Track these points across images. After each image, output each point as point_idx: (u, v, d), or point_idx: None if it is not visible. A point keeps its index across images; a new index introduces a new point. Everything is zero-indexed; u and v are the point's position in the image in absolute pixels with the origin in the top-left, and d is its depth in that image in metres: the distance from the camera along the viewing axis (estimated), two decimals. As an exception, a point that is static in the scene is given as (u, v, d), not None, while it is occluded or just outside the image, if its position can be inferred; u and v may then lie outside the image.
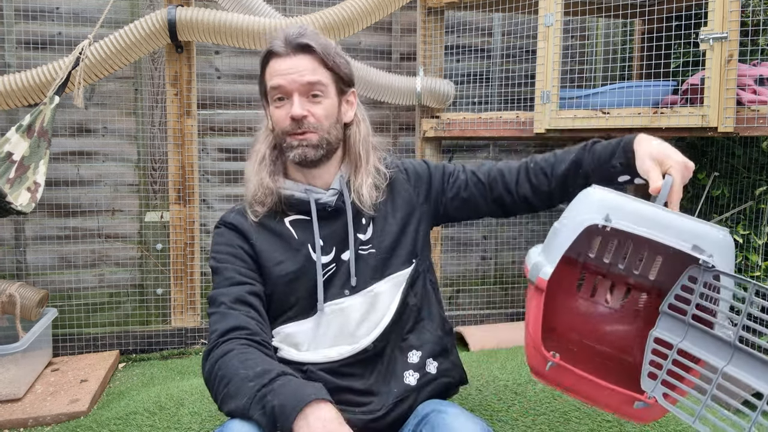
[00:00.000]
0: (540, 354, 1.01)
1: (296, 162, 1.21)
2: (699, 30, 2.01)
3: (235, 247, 1.22)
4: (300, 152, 1.19)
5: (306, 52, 1.18)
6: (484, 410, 1.82)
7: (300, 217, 1.24)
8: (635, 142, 1.15)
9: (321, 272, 1.20)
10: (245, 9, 2.40)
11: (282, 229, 1.23)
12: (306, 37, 1.18)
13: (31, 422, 1.96)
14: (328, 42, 1.22)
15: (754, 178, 2.41)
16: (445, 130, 2.62)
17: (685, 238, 0.94)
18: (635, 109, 2.17)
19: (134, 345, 2.63)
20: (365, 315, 1.21)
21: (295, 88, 1.17)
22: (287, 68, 1.17)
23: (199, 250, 2.65)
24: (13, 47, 2.54)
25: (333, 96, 1.21)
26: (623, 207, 0.99)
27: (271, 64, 1.19)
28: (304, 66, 1.17)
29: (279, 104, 1.20)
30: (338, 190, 1.24)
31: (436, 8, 2.67)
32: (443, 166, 1.36)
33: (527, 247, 3.09)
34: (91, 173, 2.66)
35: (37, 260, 2.62)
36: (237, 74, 2.78)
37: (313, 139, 1.19)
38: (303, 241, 1.22)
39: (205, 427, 1.74)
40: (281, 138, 1.21)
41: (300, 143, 1.19)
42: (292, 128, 1.18)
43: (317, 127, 1.19)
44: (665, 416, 1.80)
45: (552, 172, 1.26)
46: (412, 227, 1.28)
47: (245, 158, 2.78)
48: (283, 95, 1.19)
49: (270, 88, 1.20)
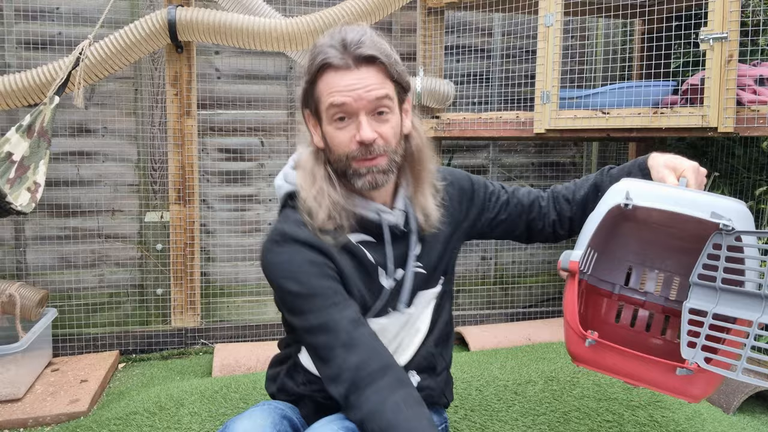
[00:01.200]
0: (578, 334, 1.04)
1: (366, 190, 1.08)
2: (699, 30, 2.01)
3: (321, 266, 1.07)
4: (370, 179, 1.06)
5: (371, 63, 1.03)
6: (484, 410, 1.82)
7: (367, 239, 1.13)
8: (649, 158, 1.19)
9: (384, 300, 1.15)
10: (245, 9, 2.40)
11: (356, 250, 1.11)
12: (368, 45, 1.03)
13: (31, 422, 1.96)
14: (388, 47, 1.08)
15: (754, 178, 2.41)
16: (445, 130, 2.62)
17: (703, 210, 0.99)
18: (635, 109, 2.17)
19: (134, 345, 2.63)
20: (398, 331, 1.19)
21: (362, 106, 1.03)
22: (351, 84, 1.02)
23: (199, 250, 2.65)
24: (13, 47, 2.54)
25: (397, 110, 1.09)
26: (643, 188, 1.05)
27: (327, 78, 1.04)
28: (371, 80, 1.03)
29: (341, 125, 1.05)
30: (403, 211, 1.16)
31: (436, 8, 2.67)
32: (484, 183, 1.30)
33: (527, 247, 3.10)
34: (91, 173, 2.66)
35: (37, 260, 2.62)
36: (237, 74, 2.78)
37: (382, 164, 1.06)
38: (376, 265, 1.13)
39: (205, 427, 1.74)
40: (344, 163, 1.07)
41: (369, 170, 1.06)
42: (361, 153, 1.05)
43: (386, 149, 1.06)
44: (665, 416, 1.80)
45: (573, 198, 1.27)
46: (451, 245, 1.25)
47: (245, 158, 2.81)
48: (345, 115, 1.04)
49: (329, 105, 1.04)
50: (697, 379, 0.98)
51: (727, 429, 1.82)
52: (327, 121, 1.07)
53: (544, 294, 3.13)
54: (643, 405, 1.85)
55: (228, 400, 1.89)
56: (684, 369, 0.96)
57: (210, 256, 2.79)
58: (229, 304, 2.83)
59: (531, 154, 3.11)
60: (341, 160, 1.07)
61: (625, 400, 1.88)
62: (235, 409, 1.83)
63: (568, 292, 1.09)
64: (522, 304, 3.11)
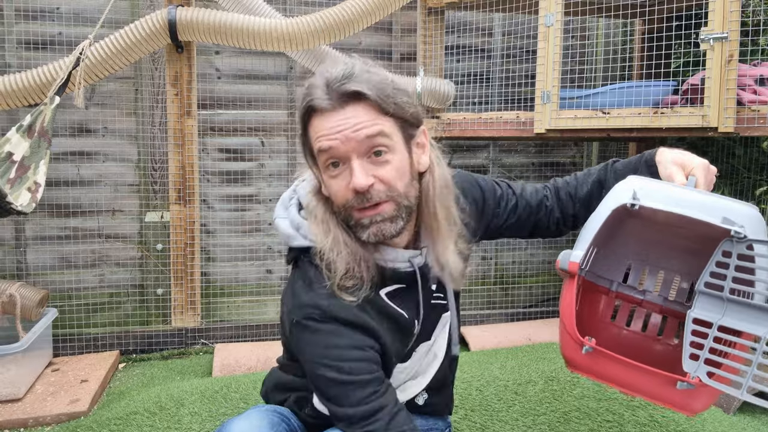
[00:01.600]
0: (575, 339, 1.00)
1: (372, 242, 0.98)
2: (699, 30, 2.01)
3: (365, 349, 0.97)
4: (375, 231, 0.96)
5: (357, 100, 0.93)
6: (484, 410, 1.82)
7: (396, 287, 1.04)
8: (657, 154, 1.13)
9: (413, 345, 1.11)
10: (245, 9, 2.40)
11: (390, 310, 1.02)
12: (354, 79, 0.92)
13: (32, 422, 1.96)
14: (383, 77, 0.96)
15: (754, 178, 2.41)
16: (445, 130, 2.62)
17: (714, 215, 0.93)
18: (635, 109, 2.17)
19: (134, 345, 2.63)
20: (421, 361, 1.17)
21: (352, 148, 0.92)
22: (336, 126, 0.92)
23: (199, 251, 2.65)
24: (13, 47, 2.54)
25: (401, 147, 0.97)
26: (651, 187, 1.00)
27: (314, 123, 0.95)
28: (360, 119, 0.92)
29: (334, 172, 0.95)
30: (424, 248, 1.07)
31: (436, 8, 2.67)
32: (494, 189, 1.21)
33: (527, 247, 3.10)
34: (92, 173, 2.67)
35: (38, 260, 2.62)
36: (237, 74, 2.78)
37: (387, 211, 0.95)
38: (411, 319, 1.05)
39: (205, 427, 1.74)
40: (346, 214, 0.97)
41: (372, 220, 0.95)
42: (359, 203, 0.94)
43: (390, 194, 0.95)
44: (665, 416, 1.80)
45: (576, 194, 1.22)
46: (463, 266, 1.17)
47: (245, 158, 2.81)
48: (336, 160, 0.94)
49: (317, 151, 0.95)
50: (698, 394, 0.94)
51: (727, 429, 1.82)
52: (322, 169, 0.98)
53: (544, 294, 3.13)
54: (643, 405, 1.85)
55: (228, 400, 1.89)
56: (685, 383, 0.92)
57: (210, 256, 2.79)
58: (229, 304, 2.83)
59: (531, 154, 3.11)
60: (341, 212, 0.98)
61: (625, 400, 1.88)
62: (236, 409, 1.83)
63: (565, 293, 1.05)
64: (522, 304, 3.11)
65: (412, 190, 0.98)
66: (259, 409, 1.14)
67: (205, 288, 2.74)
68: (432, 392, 1.22)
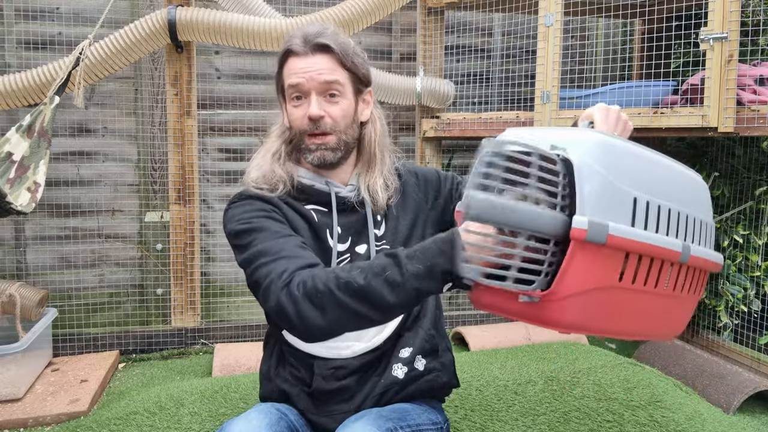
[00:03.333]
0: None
1: (315, 164, 1.21)
2: (699, 30, 2.01)
3: (269, 211, 1.18)
4: (318, 155, 1.19)
5: (324, 51, 1.18)
6: (484, 410, 1.82)
7: (318, 208, 1.24)
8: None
9: (336, 259, 1.20)
10: (245, 9, 2.40)
11: (303, 210, 1.22)
12: (325, 36, 1.18)
13: (31, 422, 1.96)
14: (347, 41, 1.22)
15: (754, 178, 2.41)
16: (445, 130, 2.62)
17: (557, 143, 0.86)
18: (635, 109, 2.17)
19: (134, 345, 2.63)
20: None
21: (313, 86, 1.17)
22: (305, 67, 1.17)
23: (199, 250, 2.65)
24: (13, 47, 2.54)
25: (350, 96, 1.21)
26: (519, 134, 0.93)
27: (289, 63, 1.20)
28: (323, 65, 1.17)
29: (296, 103, 1.20)
30: (356, 186, 1.25)
31: (436, 8, 2.67)
32: (452, 176, 1.37)
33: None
34: (91, 173, 2.67)
35: (37, 260, 2.62)
36: (237, 74, 2.78)
37: (330, 142, 1.19)
38: (322, 226, 1.21)
39: (205, 427, 1.74)
40: (299, 138, 1.21)
41: (318, 147, 1.19)
42: (310, 128, 1.18)
43: (334, 128, 1.19)
44: (665, 416, 1.80)
45: None
46: (419, 230, 1.29)
47: (245, 158, 2.80)
48: (300, 94, 1.19)
49: (288, 86, 1.20)
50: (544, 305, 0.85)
51: (727, 429, 1.82)
52: (288, 100, 1.22)
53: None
54: (643, 405, 1.85)
55: (228, 400, 1.89)
56: (526, 297, 0.86)
57: (210, 256, 2.79)
58: (229, 304, 2.83)
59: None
60: (297, 135, 1.21)
61: (625, 400, 1.88)
62: (235, 409, 1.83)
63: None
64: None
65: (350, 131, 1.22)
66: (258, 408, 1.14)
67: (204, 288, 2.74)
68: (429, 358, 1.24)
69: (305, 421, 1.21)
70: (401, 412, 1.16)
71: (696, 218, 0.99)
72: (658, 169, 0.94)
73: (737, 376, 2.12)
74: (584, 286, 0.84)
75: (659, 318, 0.99)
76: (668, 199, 0.93)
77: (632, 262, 0.87)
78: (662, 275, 0.92)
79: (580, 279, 0.83)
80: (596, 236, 0.82)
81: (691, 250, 0.94)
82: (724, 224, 2.47)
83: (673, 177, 0.97)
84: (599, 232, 0.82)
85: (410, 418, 1.16)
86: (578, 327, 0.88)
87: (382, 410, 1.15)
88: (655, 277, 0.91)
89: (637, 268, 0.88)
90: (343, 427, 1.06)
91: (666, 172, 0.96)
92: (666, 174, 0.96)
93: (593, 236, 0.82)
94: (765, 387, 2.05)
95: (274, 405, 1.18)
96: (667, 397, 1.93)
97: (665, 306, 0.97)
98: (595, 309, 0.87)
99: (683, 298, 1.00)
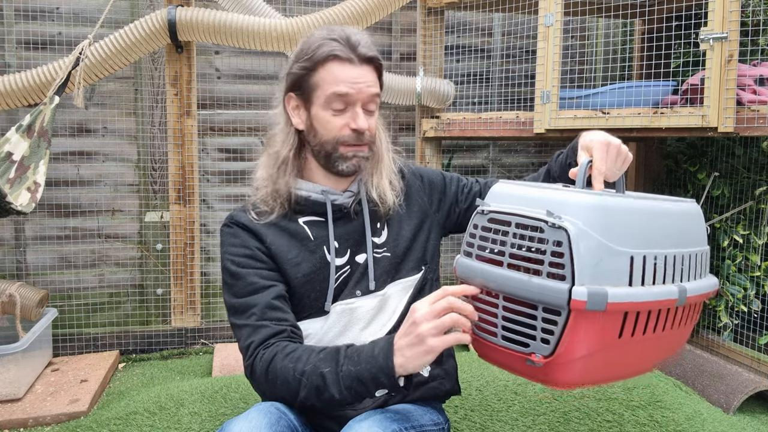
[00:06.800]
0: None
1: (348, 172, 1.20)
2: (699, 30, 2.01)
3: (252, 248, 1.18)
4: (354, 162, 1.19)
5: (371, 63, 1.17)
6: (484, 410, 1.82)
7: (315, 219, 1.23)
8: (580, 138, 1.18)
9: (334, 276, 1.20)
10: (245, 9, 2.40)
11: (297, 228, 1.21)
12: (369, 47, 1.17)
13: (31, 422, 1.96)
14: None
15: (754, 178, 2.41)
16: (445, 130, 2.62)
17: (552, 208, 0.88)
18: (635, 109, 2.17)
19: (134, 345, 2.63)
20: (373, 316, 1.21)
21: (361, 98, 1.16)
22: (356, 77, 1.15)
23: (199, 250, 2.65)
24: (13, 47, 2.54)
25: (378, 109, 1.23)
26: (511, 193, 0.99)
27: (333, 69, 1.15)
28: (371, 79, 1.17)
29: (338, 112, 1.17)
30: (354, 193, 1.24)
31: (436, 8, 2.67)
32: (458, 177, 1.37)
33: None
34: (91, 173, 2.67)
35: (37, 260, 2.62)
36: (237, 74, 2.78)
37: (365, 151, 1.20)
38: (319, 242, 1.21)
39: (205, 427, 1.74)
40: (331, 145, 1.18)
41: (355, 154, 1.19)
42: (352, 139, 1.17)
43: (371, 140, 1.21)
44: (665, 416, 1.80)
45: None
46: (423, 235, 1.29)
47: (245, 158, 2.81)
48: (345, 104, 1.16)
49: (333, 93, 1.15)
50: (550, 367, 0.89)
51: (727, 429, 1.82)
52: (322, 107, 1.17)
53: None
54: (643, 405, 1.85)
55: (228, 400, 1.89)
56: (530, 360, 0.90)
57: (210, 256, 2.79)
58: (229, 304, 2.83)
59: (531, 154, 3.11)
60: (329, 143, 1.18)
61: (625, 400, 1.88)
62: (235, 409, 1.83)
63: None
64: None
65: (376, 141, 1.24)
66: (258, 408, 1.14)
67: (204, 288, 2.74)
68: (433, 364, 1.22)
69: (305, 421, 1.21)
70: (405, 413, 1.16)
71: (691, 254, 1.00)
72: (651, 218, 0.95)
73: (737, 376, 2.12)
74: (586, 351, 0.87)
75: (656, 354, 1.02)
76: (663, 245, 0.94)
77: (631, 320, 0.89)
78: (660, 322, 0.94)
79: (581, 345, 0.87)
80: (596, 305, 0.84)
81: (687, 292, 0.95)
82: (724, 224, 2.47)
83: (666, 221, 0.97)
84: (599, 302, 0.84)
85: (414, 419, 1.16)
86: (581, 383, 0.93)
87: (386, 411, 1.15)
88: (653, 326, 0.93)
89: (636, 322, 0.90)
90: (348, 428, 1.06)
91: (659, 217, 0.96)
92: (659, 220, 0.96)
93: (593, 305, 0.84)
94: (765, 387, 2.05)
95: (274, 404, 1.18)
96: (667, 397, 1.93)
97: (662, 343, 1.00)
98: (597, 366, 0.91)
99: (679, 330, 1.01)
